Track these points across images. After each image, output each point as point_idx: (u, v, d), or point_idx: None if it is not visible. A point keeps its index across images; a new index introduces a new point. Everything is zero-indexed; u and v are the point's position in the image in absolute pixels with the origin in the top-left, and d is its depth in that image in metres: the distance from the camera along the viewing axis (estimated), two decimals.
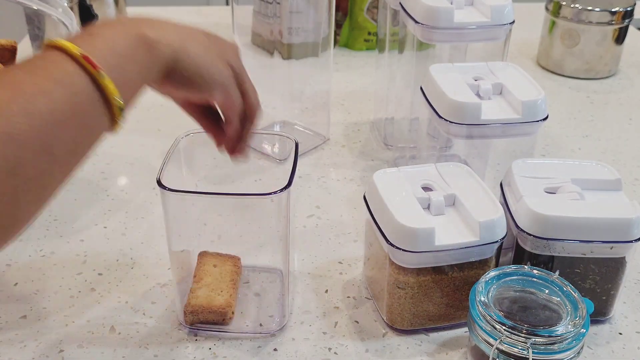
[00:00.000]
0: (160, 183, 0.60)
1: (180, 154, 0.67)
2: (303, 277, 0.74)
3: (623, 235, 0.64)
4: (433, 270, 0.64)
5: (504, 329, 0.57)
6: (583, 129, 1.07)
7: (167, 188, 0.60)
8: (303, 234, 0.81)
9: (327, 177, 0.93)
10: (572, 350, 0.57)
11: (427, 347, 0.66)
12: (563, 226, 0.64)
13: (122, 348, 0.65)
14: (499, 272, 0.62)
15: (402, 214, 0.63)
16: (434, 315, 0.67)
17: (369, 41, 1.29)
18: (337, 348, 0.66)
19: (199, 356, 0.64)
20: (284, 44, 0.93)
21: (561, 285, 0.61)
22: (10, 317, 0.68)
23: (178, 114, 0.65)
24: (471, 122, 0.73)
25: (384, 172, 0.70)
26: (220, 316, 0.66)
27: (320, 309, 0.70)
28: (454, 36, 0.82)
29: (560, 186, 0.68)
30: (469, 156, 0.83)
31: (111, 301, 0.70)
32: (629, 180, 0.93)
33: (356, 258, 0.77)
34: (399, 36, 0.90)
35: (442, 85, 0.75)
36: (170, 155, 0.64)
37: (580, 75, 1.22)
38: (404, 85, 0.92)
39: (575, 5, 1.17)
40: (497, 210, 0.64)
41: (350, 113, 1.09)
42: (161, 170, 0.62)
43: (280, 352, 0.65)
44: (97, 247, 0.78)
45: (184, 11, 1.48)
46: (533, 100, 0.74)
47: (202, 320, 0.66)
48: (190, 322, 0.66)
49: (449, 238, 0.63)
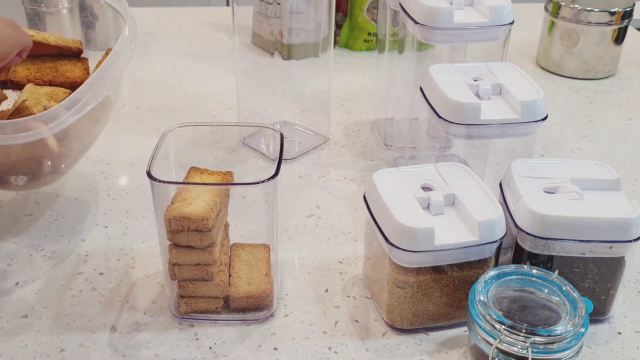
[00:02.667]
0: (150, 175, 0.62)
1: (168, 148, 0.69)
2: (303, 276, 0.75)
3: (622, 235, 0.64)
4: (433, 269, 0.65)
5: (504, 328, 0.57)
6: (582, 129, 1.07)
7: (157, 180, 0.61)
8: (303, 233, 0.82)
9: (327, 177, 0.93)
10: (571, 350, 0.57)
11: (427, 347, 0.66)
12: (562, 226, 0.64)
13: (123, 347, 0.65)
14: (499, 271, 0.63)
15: (401, 213, 0.63)
16: (433, 315, 0.67)
17: (369, 42, 1.29)
18: (337, 347, 0.66)
19: (200, 355, 0.64)
20: (284, 45, 0.93)
21: (560, 285, 0.61)
22: (11, 316, 0.69)
23: (179, 115, 0.65)
24: (471, 122, 0.73)
25: (383, 172, 0.70)
26: (199, 223, 0.63)
27: (320, 308, 0.70)
28: (454, 37, 0.83)
29: (559, 186, 0.68)
30: (468, 156, 0.83)
31: (112, 300, 0.71)
32: (628, 180, 0.94)
33: (356, 258, 0.78)
34: (398, 37, 0.90)
35: (442, 86, 0.76)
36: (159, 147, 0.66)
37: (579, 75, 1.22)
38: (404, 86, 0.92)
39: (574, 6, 1.17)
40: (496, 210, 0.65)
41: (350, 113, 1.10)
42: (150, 162, 0.63)
43: (281, 351, 0.65)
44: (98, 247, 0.78)
45: (184, 11, 1.48)
46: (532, 100, 0.74)
47: (186, 242, 0.64)
48: (174, 261, 0.64)
49: (448, 238, 0.63)
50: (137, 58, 1.27)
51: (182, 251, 0.64)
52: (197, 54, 1.28)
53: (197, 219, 0.62)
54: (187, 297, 0.67)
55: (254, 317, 0.68)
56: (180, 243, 0.64)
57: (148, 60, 1.26)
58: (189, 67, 1.24)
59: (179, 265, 0.65)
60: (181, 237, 0.63)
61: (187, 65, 1.24)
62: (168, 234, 0.63)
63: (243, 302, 0.68)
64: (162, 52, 1.29)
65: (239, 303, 0.68)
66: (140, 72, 1.22)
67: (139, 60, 1.26)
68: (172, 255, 0.64)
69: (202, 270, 0.65)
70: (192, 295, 0.67)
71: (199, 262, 0.65)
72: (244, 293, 0.68)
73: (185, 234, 0.63)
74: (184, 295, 0.67)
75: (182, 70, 1.22)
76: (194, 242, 0.63)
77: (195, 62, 1.26)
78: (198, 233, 0.63)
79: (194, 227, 0.62)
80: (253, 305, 0.68)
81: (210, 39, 1.35)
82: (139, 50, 1.30)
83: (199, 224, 0.62)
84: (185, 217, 0.62)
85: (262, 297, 0.68)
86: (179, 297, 0.67)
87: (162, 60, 1.26)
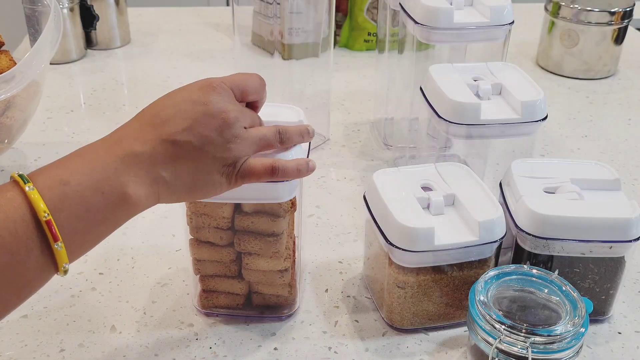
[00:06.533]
0: None
1: None
2: (303, 276, 0.75)
3: (622, 235, 0.64)
4: (433, 269, 0.65)
5: (504, 328, 0.57)
6: (582, 129, 1.07)
7: None
8: (303, 233, 0.81)
9: (327, 177, 0.93)
10: (571, 350, 0.57)
11: (427, 347, 0.66)
12: (562, 226, 0.64)
13: (123, 347, 0.65)
14: (499, 271, 0.63)
15: (401, 213, 0.63)
16: (433, 315, 0.67)
17: (369, 41, 1.29)
18: (337, 347, 0.66)
19: (200, 355, 0.64)
20: (284, 45, 0.93)
21: (560, 285, 0.61)
22: (11, 316, 0.68)
23: None
24: (471, 122, 0.73)
25: (383, 172, 0.70)
26: (219, 221, 0.64)
27: (320, 308, 0.70)
28: (454, 37, 0.83)
29: (559, 186, 0.68)
30: (468, 156, 0.83)
31: (112, 300, 0.71)
32: (628, 180, 0.94)
33: (356, 258, 0.78)
34: (398, 37, 0.90)
35: (442, 86, 0.76)
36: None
37: (579, 75, 1.22)
38: (404, 86, 0.92)
39: (574, 6, 1.17)
40: (496, 210, 0.65)
41: (350, 113, 1.10)
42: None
43: (281, 351, 0.65)
44: (98, 247, 0.78)
45: (184, 12, 1.48)
46: (532, 100, 0.74)
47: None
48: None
49: (448, 238, 0.63)
50: (137, 58, 1.28)
51: (203, 247, 0.66)
52: (197, 54, 1.28)
53: (218, 217, 0.63)
54: (209, 291, 0.68)
55: (275, 314, 0.68)
56: (201, 239, 0.65)
57: (148, 60, 1.26)
58: (189, 67, 1.24)
59: (199, 260, 0.66)
60: (203, 234, 0.65)
61: (187, 65, 1.24)
62: (191, 229, 0.65)
63: (267, 300, 0.68)
64: (162, 52, 1.29)
65: (261, 300, 0.68)
66: (140, 72, 1.22)
67: (139, 60, 1.27)
68: (192, 250, 0.66)
69: (224, 267, 0.66)
70: (212, 290, 0.68)
71: (218, 259, 0.66)
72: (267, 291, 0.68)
73: (207, 230, 0.64)
74: (205, 289, 0.68)
75: (182, 70, 1.22)
76: (216, 240, 0.65)
77: (195, 62, 1.26)
78: (219, 230, 0.64)
79: (215, 225, 0.64)
80: (275, 303, 0.68)
81: (210, 39, 1.35)
82: (139, 50, 1.30)
83: (220, 221, 0.63)
84: (206, 214, 0.63)
85: (285, 296, 0.68)
86: (201, 291, 0.69)
87: (162, 60, 1.26)
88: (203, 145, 0.53)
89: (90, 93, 1.14)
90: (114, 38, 1.29)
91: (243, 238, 0.64)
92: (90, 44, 1.28)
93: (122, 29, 1.30)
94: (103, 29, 1.27)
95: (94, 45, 1.29)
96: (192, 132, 0.52)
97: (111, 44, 1.29)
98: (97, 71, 1.21)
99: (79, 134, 1.02)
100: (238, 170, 0.55)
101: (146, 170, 0.51)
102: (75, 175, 0.48)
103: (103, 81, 1.18)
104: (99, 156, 0.50)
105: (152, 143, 0.51)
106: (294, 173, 0.59)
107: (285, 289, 0.67)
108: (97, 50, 1.29)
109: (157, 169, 0.51)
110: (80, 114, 1.08)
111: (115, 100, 1.12)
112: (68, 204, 0.47)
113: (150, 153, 0.51)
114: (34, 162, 0.94)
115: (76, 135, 1.01)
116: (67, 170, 0.49)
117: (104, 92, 1.14)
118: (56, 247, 0.46)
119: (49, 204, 0.46)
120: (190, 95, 0.54)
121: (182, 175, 0.53)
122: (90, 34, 1.27)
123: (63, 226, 0.47)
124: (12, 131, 0.89)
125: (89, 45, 1.29)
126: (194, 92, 0.54)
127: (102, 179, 0.49)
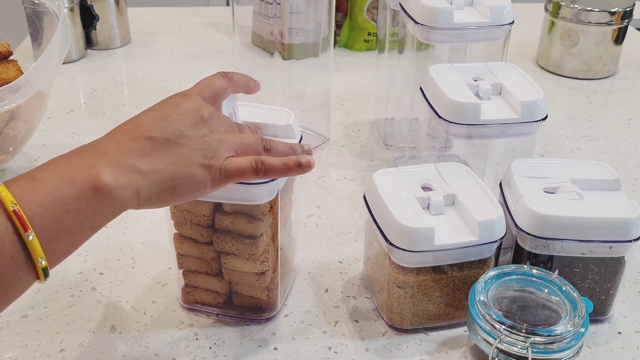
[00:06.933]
0: None
1: None
2: (303, 276, 0.75)
3: (622, 235, 0.64)
4: (433, 269, 0.65)
5: (504, 328, 0.57)
6: (582, 129, 1.07)
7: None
8: (303, 233, 0.81)
9: (327, 177, 0.93)
10: (571, 350, 0.57)
11: (427, 347, 0.66)
12: (562, 226, 0.64)
13: (123, 347, 0.65)
14: (499, 271, 0.63)
15: (401, 213, 0.63)
16: (433, 315, 0.67)
17: (369, 41, 1.29)
18: (337, 347, 0.66)
19: (200, 355, 0.64)
20: (284, 45, 0.93)
21: (560, 285, 0.61)
22: (11, 316, 0.69)
23: None
24: (471, 122, 0.73)
25: (383, 172, 0.70)
26: (200, 218, 0.64)
27: (320, 308, 0.70)
28: (454, 37, 0.83)
29: (559, 186, 0.68)
30: (468, 156, 0.83)
31: (112, 300, 0.71)
32: (628, 180, 0.94)
33: (356, 258, 0.78)
34: (398, 37, 0.90)
35: (442, 86, 0.76)
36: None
37: (579, 75, 1.22)
38: (404, 86, 0.92)
39: (574, 6, 1.17)
40: (496, 210, 0.65)
41: (350, 113, 1.10)
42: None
43: (281, 351, 0.65)
44: (98, 247, 0.78)
45: (184, 12, 1.48)
46: (532, 100, 0.74)
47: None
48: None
49: (448, 238, 0.63)
50: (137, 58, 1.28)
51: (185, 242, 0.65)
52: (197, 54, 1.28)
53: (199, 214, 0.63)
54: (190, 286, 0.68)
55: (254, 316, 0.68)
56: (184, 234, 0.65)
57: (148, 60, 1.26)
58: (189, 67, 1.24)
59: (182, 255, 0.66)
60: (185, 229, 0.65)
61: (187, 65, 1.24)
62: (174, 223, 0.65)
63: (246, 301, 0.68)
64: (162, 52, 1.29)
65: (241, 300, 0.68)
66: (140, 72, 1.22)
67: (139, 60, 1.27)
68: (175, 244, 0.66)
69: (205, 264, 0.66)
70: (194, 286, 0.68)
71: (200, 255, 0.66)
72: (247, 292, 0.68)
73: (189, 227, 0.64)
74: (187, 284, 0.68)
75: (182, 70, 1.22)
76: (196, 236, 0.64)
77: (195, 62, 1.26)
78: (200, 227, 0.64)
79: (196, 222, 0.63)
80: (254, 305, 0.68)
81: (210, 39, 1.35)
82: (139, 50, 1.30)
83: (201, 219, 0.63)
84: (188, 211, 0.63)
85: (264, 299, 0.68)
86: (184, 285, 0.69)
87: (162, 60, 1.26)
88: (177, 138, 0.52)
89: (90, 93, 1.14)
90: (114, 38, 1.29)
91: (221, 237, 0.64)
92: (90, 44, 1.29)
93: (122, 29, 1.30)
94: (103, 29, 1.27)
95: (94, 45, 1.29)
96: (167, 129, 0.52)
97: (111, 44, 1.29)
98: (97, 71, 1.22)
99: (79, 134, 1.02)
100: (221, 166, 0.54)
101: (119, 160, 0.50)
102: (45, 172, 0.48)
103: (103, 81, 1.18)
104: (70, 157, 0.50)
105: (126, 142, 0.51)
106: (281, 169, 0.56)
107: (263, 292, 0.67)
108: (97, 50, 1.29)
109: (131, 160, 0.50)
110: (80, 114, 1.08)
111: (115, 100, 1.12)
112: (38, 196, 0.46)
113: (124, 148, 0.51)
114: (34, 162, 0.94)
115: (76, 135, 1.01)
116: (36, 170, 0.48)
117: (104, 92, 1.14)
118: (27, 236, 0.45)
119: (16, 195, 0.45)
120: (160, 106, 0.55)
121: (158, 167, 0.51)
122: (90, 34, 1.27)
123: (33, 217, 0.45)
124: (16, 142, 0.88)
125: (89, 45, 1.29)
126: (164, 103, 0.55)
127: (73, 170, 0.48)
